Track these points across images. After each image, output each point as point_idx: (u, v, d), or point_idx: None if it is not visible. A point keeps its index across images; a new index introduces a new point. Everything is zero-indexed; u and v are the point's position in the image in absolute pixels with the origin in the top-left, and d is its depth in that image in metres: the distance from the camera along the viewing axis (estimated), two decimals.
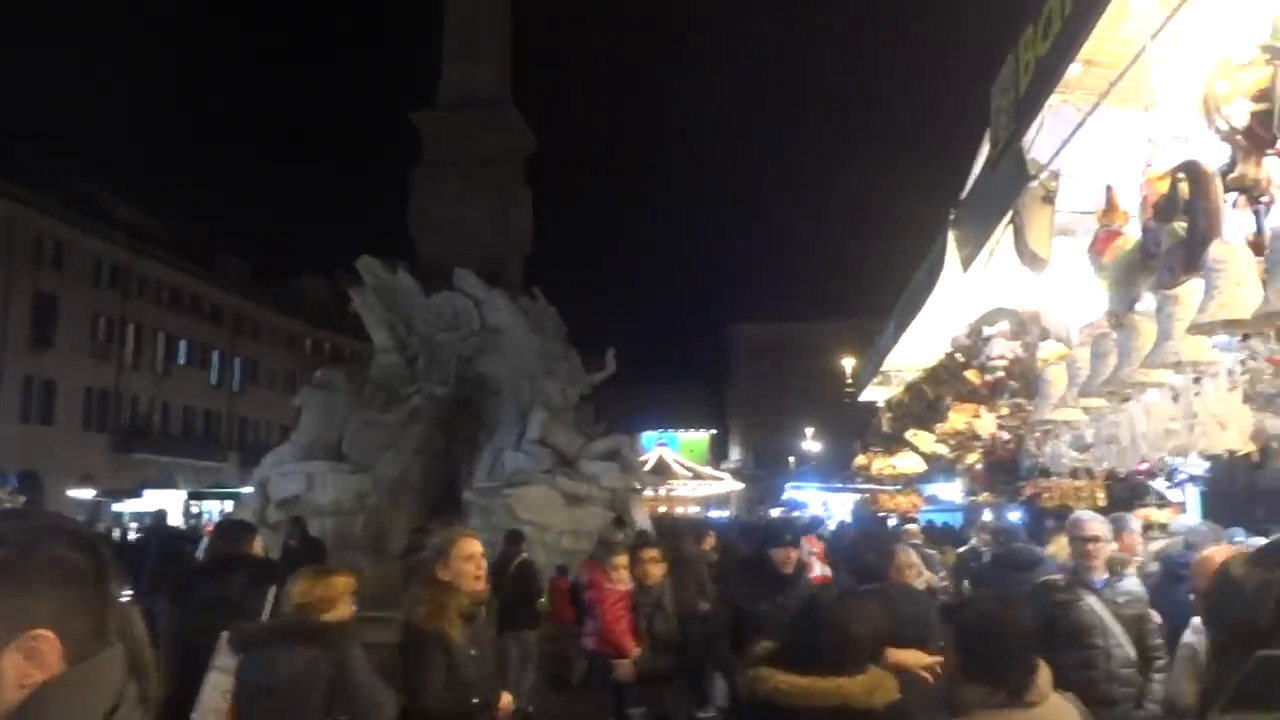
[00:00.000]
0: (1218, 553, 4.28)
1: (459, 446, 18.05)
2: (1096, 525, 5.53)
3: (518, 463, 16.54)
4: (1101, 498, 9.59)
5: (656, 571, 6.59)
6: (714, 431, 65.04)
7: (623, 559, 6.93)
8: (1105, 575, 5.38)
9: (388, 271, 18.30)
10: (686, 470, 38.93)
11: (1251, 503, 8.61)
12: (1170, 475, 8.90)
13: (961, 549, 11.65)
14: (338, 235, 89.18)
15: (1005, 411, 7.30)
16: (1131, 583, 5.44)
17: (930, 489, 20.49)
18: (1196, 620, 4.01)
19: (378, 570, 11.08)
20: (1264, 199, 3.36)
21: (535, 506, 15.71)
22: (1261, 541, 6.63)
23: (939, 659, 4.18)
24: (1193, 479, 8.65)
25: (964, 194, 6.53)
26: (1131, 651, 5.05)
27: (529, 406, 17.22)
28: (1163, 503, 9.71)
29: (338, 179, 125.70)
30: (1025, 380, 6.14)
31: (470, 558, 4.39)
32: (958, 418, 9.82)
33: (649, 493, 28.57)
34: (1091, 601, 5.10)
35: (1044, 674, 3.12)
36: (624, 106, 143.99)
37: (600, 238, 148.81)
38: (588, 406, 19.05)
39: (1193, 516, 8.96)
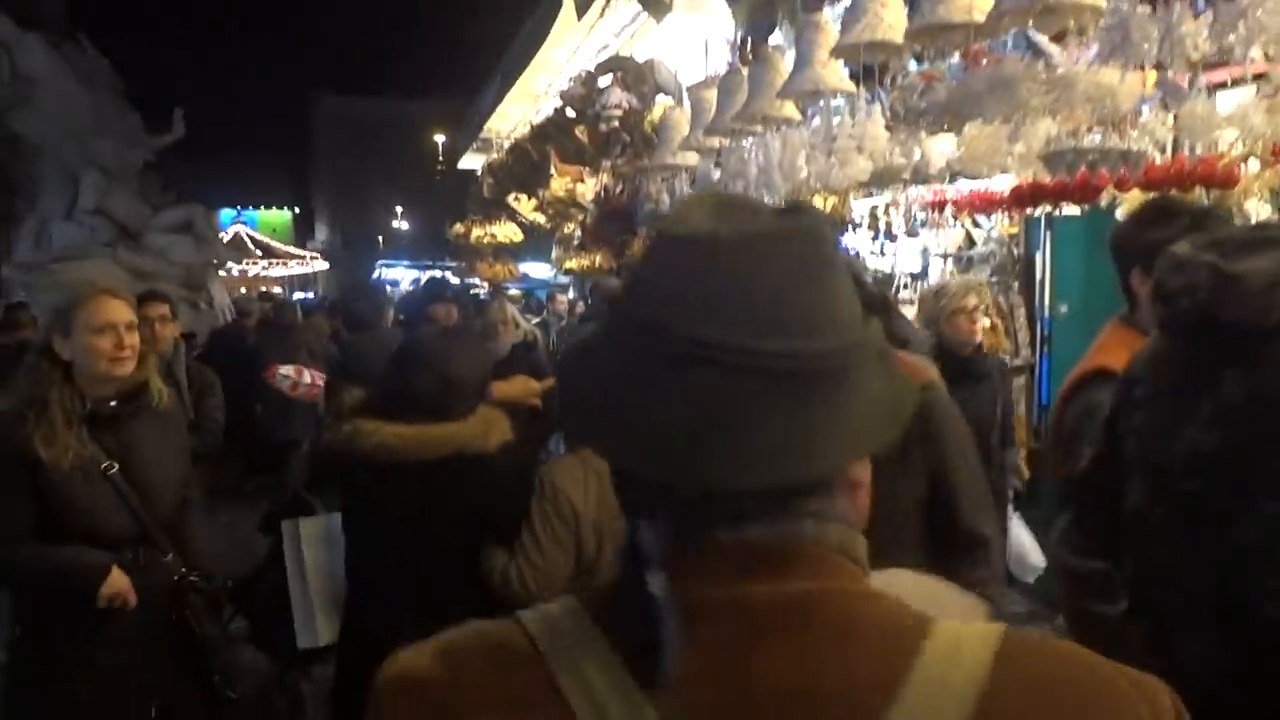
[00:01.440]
0: None
1: None
2: None
3: (69, 235, 14.52)
4: None
5: (167, 333, 5.14)
6: (297, 210, 61.54)
7: None
8: None
9: None
10: (271, 248, 36.74)
11: None
12: None
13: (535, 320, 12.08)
14: None
15: (614, 165, 7.27)
16: None
17: (523, 267, 20.77)
18: None
19: None
20: None
21: None
22: None
23: (547, 385, 4.05)
24: None
25: None
26: None
27: (79, 171, 14.99)
28: None
29: None
30: (636, 133, 6.09)
31: (105, 328, 2.99)
32: (560, 183, 9.76)
33: (226, 273, 26.62)
34: None
35: None
36: None
37: None
38: (153, 175, 17.00)
39: None
